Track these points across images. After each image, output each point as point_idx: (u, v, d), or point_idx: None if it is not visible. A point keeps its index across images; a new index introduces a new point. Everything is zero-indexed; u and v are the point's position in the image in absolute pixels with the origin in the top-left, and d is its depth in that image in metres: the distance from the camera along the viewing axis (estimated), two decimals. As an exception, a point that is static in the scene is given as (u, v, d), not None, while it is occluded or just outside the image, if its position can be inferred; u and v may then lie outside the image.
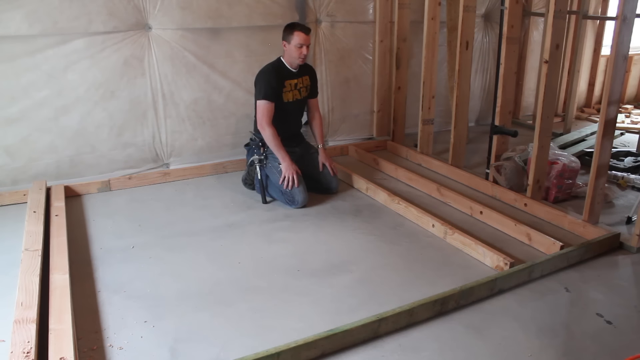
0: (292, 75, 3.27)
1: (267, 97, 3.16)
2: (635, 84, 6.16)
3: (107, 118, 3.48)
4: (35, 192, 3.09)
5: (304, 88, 3.35)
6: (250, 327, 2.09)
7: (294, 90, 3.29)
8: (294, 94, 3.30)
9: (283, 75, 3.23)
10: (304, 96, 3.37)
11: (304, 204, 3.19)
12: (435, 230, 2.88)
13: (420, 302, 2.13)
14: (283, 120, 3.29)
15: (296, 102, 3.34)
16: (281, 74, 3.23)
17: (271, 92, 3.17)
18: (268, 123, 3.17)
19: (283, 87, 3.23)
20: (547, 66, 3.02)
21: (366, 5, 4.20)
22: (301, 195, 3.17)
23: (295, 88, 3.29)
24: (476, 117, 5.15)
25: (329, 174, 3.38)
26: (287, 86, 3.25)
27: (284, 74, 3.24)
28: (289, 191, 3.16)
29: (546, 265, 2.48)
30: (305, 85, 3.35)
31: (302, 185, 3.19)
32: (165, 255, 2.64)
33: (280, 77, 3.22)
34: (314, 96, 3.48)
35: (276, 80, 3.19)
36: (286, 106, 3.28)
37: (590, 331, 2.09)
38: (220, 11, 3.64)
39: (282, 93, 3.23)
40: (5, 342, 1.91)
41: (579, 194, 3.36)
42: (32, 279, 2.18)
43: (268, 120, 3.17)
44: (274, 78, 3.19)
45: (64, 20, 3.20)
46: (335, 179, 3.41)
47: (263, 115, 3.17)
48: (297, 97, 3.32)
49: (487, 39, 4.89)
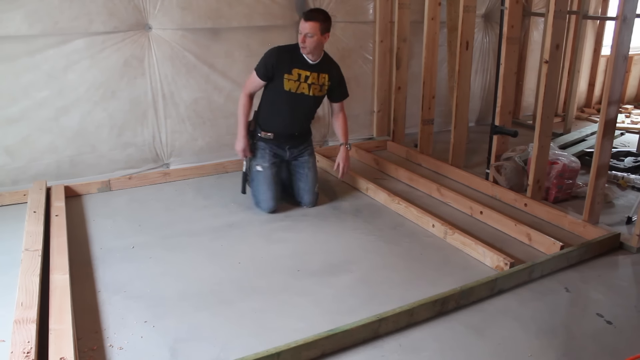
0: (305, 66, 2.95)
1: (258, 72, 2.99)
2: (635, 84, 6.17)
3: (107, 118, 3.48)
4: (36, 192, 3.09)
5: (316, 86, 3.00)
6: (251, 327, 2.09)
7: (301, 82, 2.96)
8: (299, 86, 2.97)
9: (293, 60, 2.94)
10: (314, 95, 3.03)
11: (269, 211, 3.09)
12: (436, 230, 2.88)
13: (421, 302, 2.12)
14: (286, 112, 3.05)
15: (301, 96, 3.00)
16: (292, 59, 2.95)
17: (263, 70, 2.96)
18: (246, 93, 3.04)
19: (288, 72, 2.94)
20: (547, 66, 3.02)
21: (366, 5, 4.20)
22: (265, 203, 3.08)
23: (305, 81, 2.96)
24: (476, 117, 5.15)
25: (306, 187, 3.17)
26: (294, 74, 2.95)
27: (296, 60, 2.95)
28: (256, 194, 3.11)
29: (546, 265, 2.48)
30: (320, 83, 3.01)
31: (271, 192, 3.08)
32: (165, 255, 2.64)
33: (289, 61, 2.94)
34: (338, 100, 3.20)
35: (279, 61, 2.94)
36: (286, 96, 2.98)
37: (590, 331, 2.09)
38: (220, 11, 3.64)
39: (284, 78, 2.94)
40: (5, 342, 1.91)
41: (579, 194, 3.36)
42: (32, 279, 2.17)
43: (246, 90, 3.04)
44: (278, 59, 2.94)
45: (64, 20, 3.20)
46: (311, 194, 3.18)
47: (246, 84, 3.05)
48: (304, 92, 2.99)
49: (487, 39, 4.89)
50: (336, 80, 3.10)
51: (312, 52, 2.91)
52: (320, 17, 2.87)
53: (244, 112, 3.04)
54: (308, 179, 3.19)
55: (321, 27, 2.86)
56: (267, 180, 3.09)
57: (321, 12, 2.92)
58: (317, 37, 2.86)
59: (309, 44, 2.87)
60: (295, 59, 2.95)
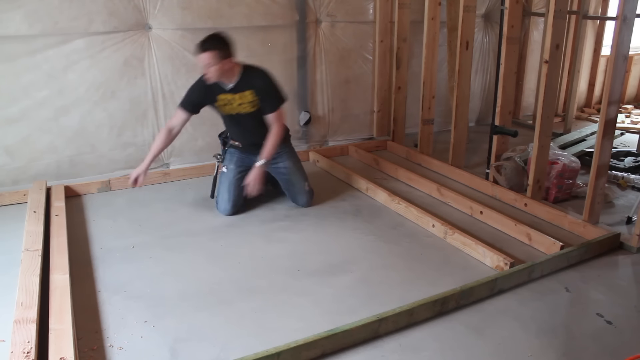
0: (224, 91, 2.91)
1: (181, 104, 2.96)
2: (635, 84, 6.16)
3: (107, 118, 3.48)
4: (36, 192, 3.09)
5: (245, 104, 2.92)
6: (251, 327, 2.09)
7: (231, 105, 2.94)
8: (232, 109, 2.96)
9: (214, 89, 2.89)
10: (252, 111, 2.95)
11: (226, 214, 3.08)
12: (436, 230, 2.88)
13: (421, 302, 2.12)
14: (238, 130, 3.11)
15: (240, 115, 2.98)
16: (213, 87, 2.89)
17: (187, 100, 2.95)
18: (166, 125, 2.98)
19: (215, 101, 2.95)
20: (547, 66, 3.02)
21: (366, 5, 4.20)
22: (222, 205, 3.08)
23: (231, 104, 2.93)
24: (476, 117, 5.15)
25: (294, 190, 3.17)
26: (221, 100, 2.94)
27: (216, 87, 2.89)
28: (217, 196, 3.12)
29: (546, 265, 2.48)
30: (247, 101, 2.91)
31: (228, 194, 3.06)
32: (165, 255, 2.64)
33: (211, 90, 2.90)
34: (267, 112, 2.95)
35: (201, 93, 2.93)
36: (229, 118, 3.03)
37: (590, 331, 2.09)
38: (220, 11, 3.64)
39: (216, 106, 2.98)
40: (5, 342, 1.91)
41: (579, 194, 3.36)
42: (32, 279, 2.18)
43: (168, 122, 2.98)
44: (198, 91, 2.94)
45: (64, 20, 3.20)
46: (301, 195, 3.16)
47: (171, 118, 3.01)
48: (240, 112, 2.95)
49: (487, 39, 4.89)
50: (262, 92, 2.91)
51: (219, 79, 2.83)
52: (212, 46, 2.71)
53: (154, 143, 3.01)
54: (292, 183, 3.18)
55: (218, 54, 2.72)
56: (227, 182, 3.09)
57: (213, 40, 2.75)
58: (217, 65, 2.74)
59: (211, 75, 2.78)
60: (215, 87, 2.89)
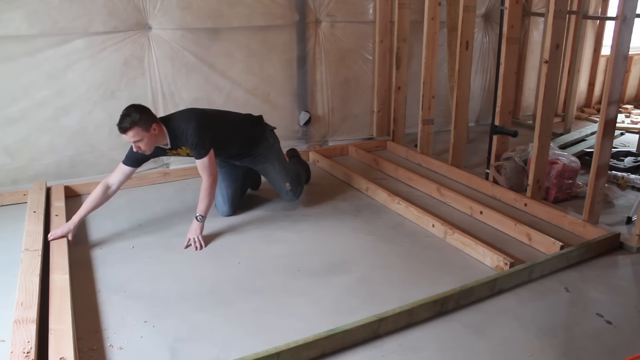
0: (165, 150, 2.86)
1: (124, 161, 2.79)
2: (635, 84, 6.16)
3: (107, 118, 3.48)
4: (35, 192, 3.09)
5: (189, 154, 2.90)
6: (250, 327, 2.09)
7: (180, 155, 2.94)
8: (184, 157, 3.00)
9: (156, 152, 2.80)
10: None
11: (225, 215, 3.09)
12: (435, 230, 2.88)
13: (420, 302, 2.12)
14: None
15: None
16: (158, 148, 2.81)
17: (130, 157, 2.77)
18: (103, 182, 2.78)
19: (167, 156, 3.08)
20: (547, 66, 3.02)
21: (366, 5, 4.20)
22: (220, 207, 3.09)
23: (180, 154, 2.93)
24: (476, 117, 5.15)
25: (277, 187, 3.14)
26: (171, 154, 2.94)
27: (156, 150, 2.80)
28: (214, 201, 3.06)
29: (546, 265, 2.48)
30: (187, 152, 2.88)
31: (222, 197, 3.07)
32: (165, 255, 2.64)
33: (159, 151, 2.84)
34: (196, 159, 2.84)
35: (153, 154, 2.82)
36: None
37: (590, 331, 2.09)
38: (220, 11, 3.64)
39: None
40: (5, 342, 1.91)
41: (579, 194, 3.36)
42: (32, 279, 2.18)
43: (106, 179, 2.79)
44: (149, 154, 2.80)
45: (64, 20, 3.20)
46: (282, 192, 3.13)
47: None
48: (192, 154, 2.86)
49: (487, 39, 4.89)
50: (191, 145, 2.78)
51: (153, 148, 2.71)
52: (132, 122, 2.55)
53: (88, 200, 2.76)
54: (273, 184, 3.16)
55: (141, 128, 2.58)
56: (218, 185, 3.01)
57: (130, 115, 2.57)
58: (145, 137, 2.61)
59: (144, 147, 2.65)
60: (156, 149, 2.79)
